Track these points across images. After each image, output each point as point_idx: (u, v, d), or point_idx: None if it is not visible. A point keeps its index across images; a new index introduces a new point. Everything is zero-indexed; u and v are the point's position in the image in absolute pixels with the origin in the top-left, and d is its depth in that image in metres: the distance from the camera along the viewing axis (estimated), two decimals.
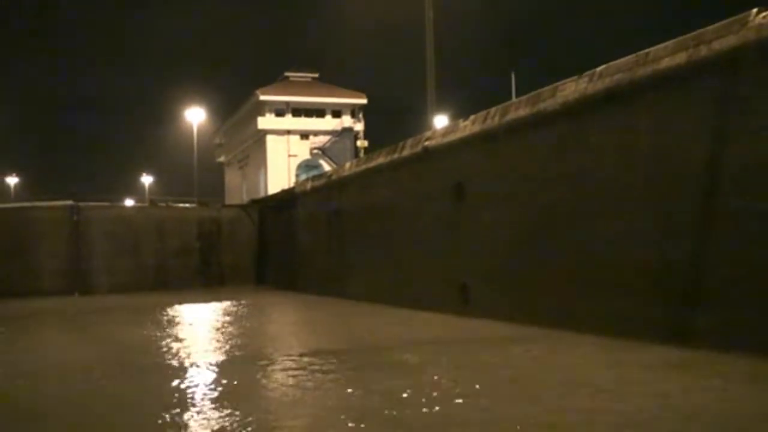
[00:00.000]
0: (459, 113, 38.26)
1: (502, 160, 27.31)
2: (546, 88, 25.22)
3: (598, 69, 22.61)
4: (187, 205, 65.38)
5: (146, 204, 65.42)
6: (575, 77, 23.64)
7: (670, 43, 19.89)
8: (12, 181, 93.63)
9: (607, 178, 21.92)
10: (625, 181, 21.14)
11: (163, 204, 65.21)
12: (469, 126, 29.88)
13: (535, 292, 25.14)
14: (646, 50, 20.79)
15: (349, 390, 15.46)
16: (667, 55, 19.81)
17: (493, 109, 28.37)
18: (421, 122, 56.17)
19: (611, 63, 22.08)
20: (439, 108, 59.44)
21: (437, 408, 13.22)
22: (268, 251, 58.71)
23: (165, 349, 23.08)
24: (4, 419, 13.75)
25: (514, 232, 26.51)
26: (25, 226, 54.54)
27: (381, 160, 38.24)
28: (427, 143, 33.09)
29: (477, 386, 15.11)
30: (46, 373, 19.76)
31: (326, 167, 63.05)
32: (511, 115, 26.93)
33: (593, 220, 22.39)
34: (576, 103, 23.25)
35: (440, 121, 54.52)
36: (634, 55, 21.20)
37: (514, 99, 29.94)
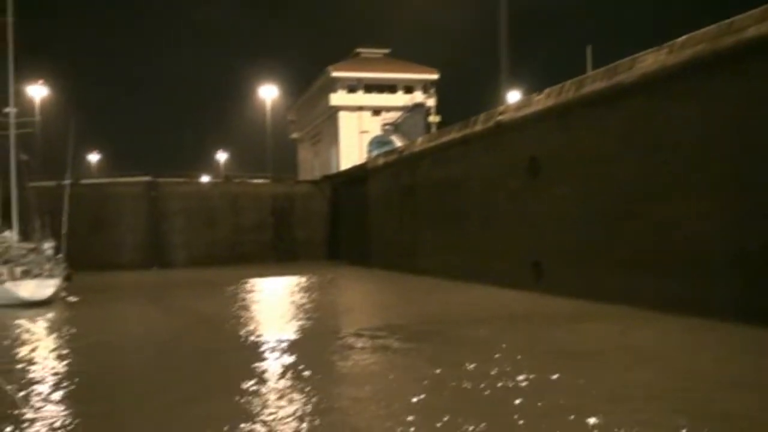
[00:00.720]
0: (532, 88, 37.63)
1: (577, 135, 26.79)
2: (624, 60, 24.55)
3: (679, 40, 21.88)
4: (261, 181, 66.41)
5: (221, 180, 66.58)
6: (654, 48, 22.95)
7: (756, 11, 19.08)
8: (94, 158, 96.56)
9: (686, 153, 21.27)
10: (706, 156, 20.49)
11: (238, 180, 66.45)
12: (543, 100, 29.39)
13: (608, 269, 24.67)
14: (730, 20, 20.01)
15: (418, 363, 15.50)
16: (752, 24, 19.03)
17: (568, 83, 27.81)
18: (494, 97, 55.59)
19: (693, 33, 21.32)
20: (512, 83, 58.66)
21: (506, 383, 13.15)
22: (340, 226, 59.19)
23: (240, 322, 23.58)
24: (85, 388, 14.28)
25: (588, 209, 26.04)
26: (106, 202, 56.30)
27: (453, 135, 38.00)
28: (499, 118, 32.70)
29: (546, 361, 14.96)
30: (125, 344, 20.44)
31: (398, 143, 62.90)
32: (587, 89, 26.35)
33: (670, 197, 21.79)
34: (655, 75, 22.58)
35: (513, 96, 53.76)
36: (716, 24, 20.43)
37: (589, 72, 29.27)
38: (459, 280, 33.60)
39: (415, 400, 12.18)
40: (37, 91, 57.70)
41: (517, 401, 11.73)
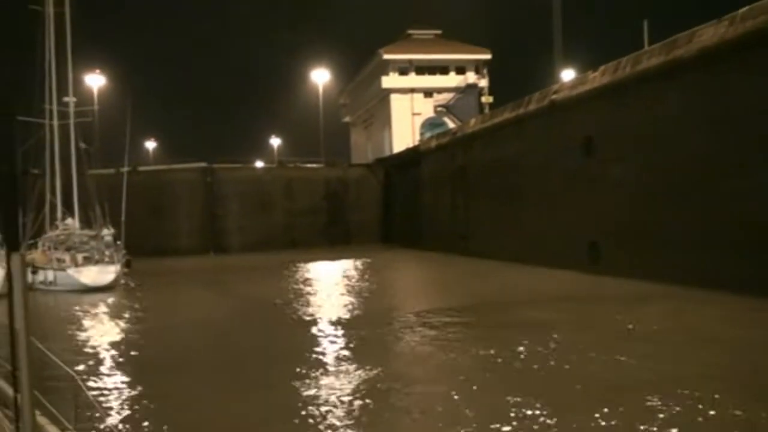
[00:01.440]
0: (587, 65, 36.78)
1: (634, 112, 26.12)
2: (682, 35, 23.82)
3: (740, 12, 21.11)
4: (314, 165, 66.61)
5: (275, 165, 66.91)
6: (714, 21, 22.20)
7: None
8: (151, 145, 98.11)
9: (749, 128, 20.56)
10: None
11: (292, 165, 66.72)
12: (599, 77, 28.75)
13: (667, 249, 24.05)
14: None
15: (473, 346, 15.34)
16: None
17: (624, 59, 27.12)
18: (548, 76, 54.65)
19: (754, 5, 20.55)
20: (567, 61, 57.55)
21: (562, 363, 12.91)
22: (393, 209, 59.10)
23: (296, 305, 23.71)
24: (145, 370, 14.49)
25: (647, 188, 25.41)
26: (163, 189, 57.14)
27: (506, 115, 37.51)
28: (554, 97, 32.13)
29: (604, 342, 14.64)
30: (183, 327, 20.70)
31: (451, 125, 62.32)
32: (644, 65, 25.66)
33: (733, 175, 21.11)
34: (715, 49, 21.85)
35: (567, 74, 52.75)
36: None
37: (646, 47, 28.49)
38: (513, 261, 33.21)
39: (469, 380, 12.05)
40: (95, 81, 58.75)
41: (575, 383, 11.50)
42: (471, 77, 69.66)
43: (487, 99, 67.34)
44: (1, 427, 4.94)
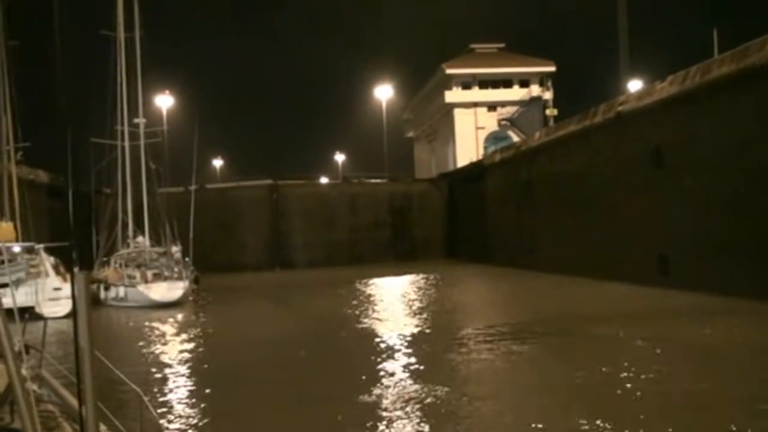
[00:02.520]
0: (654, 76, 36.05)
1: (704, 122, 25.47)
2: (754, 42, 23.16)
3: None
4: (378, 180, 66.93)
5: (340, 181, 67.45)
6: None
7: None
8: (218, 163, 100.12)
9: None
10: None
11: (356, 180, 67.17)
12: (667, 87, 28.15)
13: (741, 262, 23.32)
14: None
15: (540, 362, 15.10)
16: None
17: (693, 68, 26.51)
18: (614, 87, 53.80)
19: None
20: (633, 72, 56.55)
21: (631, 381, 12.58)
22: (458, 224, 58.84)
23: (361, 321, 23.75)
24: (213, 386, 14.67)
25: (718, 199, 24.72)
26: (230, 206, 58.16)
27: (571, 127, 37.03)
28: (620, 108, 31.59)
29: (673, 360, 14.23)
30: (251, 343, 20.90)
31: (515, 138, 61.86)
32: (714, 74, 25.02)
33: None
34: None
35: (634, 85, 51.82)
36: None
37: (716, 56, 27.82)
38: (580, 276, 32.64)
39: (534, 398, 11.86)
40: (164, 102, 60.27)
41: (649, 402, 11.19)
42: (535, 90, 69.13)
43: (551, 112, 66.71)
44: None
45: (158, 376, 15.57)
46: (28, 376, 4.62)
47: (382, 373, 14.71)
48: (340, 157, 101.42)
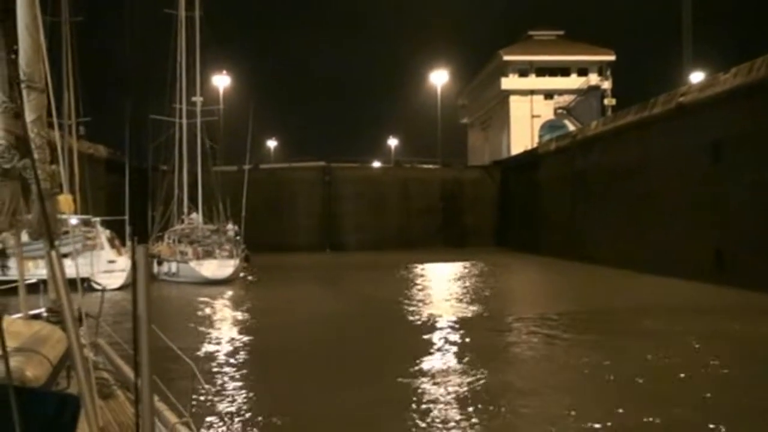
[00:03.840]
0: (718, 67, 35.04)
1: None
2: None
3: None
4: (430, 166, 66.79)
5: (392, 165, 67.45)
6: None
7: None
8: (272, 144, 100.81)
9: None
10: None
11: (408, 165, 67.10)
12: (730, 79, 27.40)
13: None
14: None
15: (581, 352, 14.93)
16: None
17: (759, 60, 25.74)
18: (675, 78, 52.58)
19: None
20: (696, 63, 55.18)
21: (672, 377, 12.34)
22: (508, 213, 58.40)
23: (410, 305, 23.75)
24: (261, 364, 14.85)
25: None
26: (282, 186, 58.64)
27: (629, 118, 36.35)
28: (681, 99, 30.87)
29: (720, 357, 13.87)
30: (299, 323, 21.08)
31: (571, 127, 60.94)
32: None
33: None
34: None
35: (696, 76, 50.57)
36: None
37: None
38: (632, 269, 32.12)
39: (578, 388, 11.74)
40: (221, 81, 60.83)
41: (694, 398, 10.96)
42: (593, 79, 68.02)
43: (609, 101, 65.60)
44: (122, 409, 5.13)
45: (206, 350, 15.82)
46: (86, 342, 4.71)
47: (426, 356, 14.73)
48: (393, 142, 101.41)
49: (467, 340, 16.87)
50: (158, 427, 4.34)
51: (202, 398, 10.73)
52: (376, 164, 68.38)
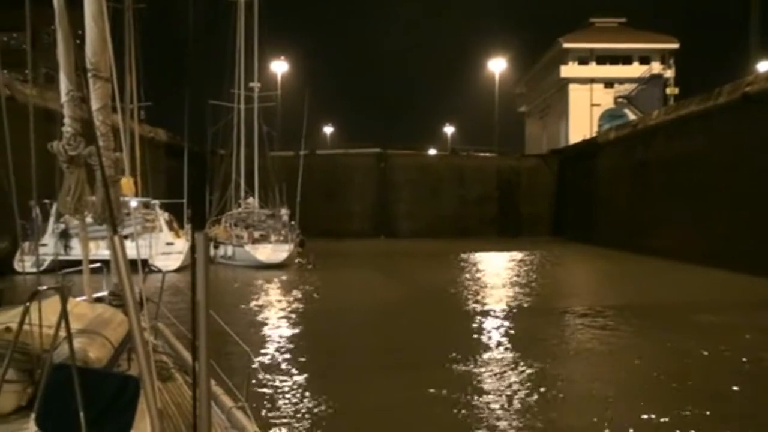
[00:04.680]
0: None
1: None
2: None
3: None
4: (486, 154, 66.27)
5: (448, 153, 67.21)
6: None
7: None
8: (328, 129, 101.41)
9: None
10: None
11: (464, 153, 66.73)
12: None
13: None
14: None
15: (641, 347, 14.70)
16: None
17: None
18: (741, 67, 51.13)
19: None
20: (762, 51, 53.54)
21: (729, 373, 12.06)
22: (566, 202, 57.70)
23: (463, 294, 23.69)
24: (312, 348, 14.99)
25: None
26: (337, 172, 58.94)
27: (693, 108, 35.49)
28: (747, 89, 30.00)
29: None
30: (351, 308, 21.21)
31: (631, 116, 59.86)
32: None
33: None
34: None
35: (763, 66, 49.08)
36: None
37: None
38: (695, 262, 31.40)
39: (630, 383, 11.59)
40: (279, 67, 61.29)
41: (752, 397, 10.71)
42: (656, 67, 66.57)
43: (672, 90, 64.13)
44: (180, 392, 5.24)
45: (259, 334, 16.03)
46: (146, 326, 4.83)
47: (477, 344, 14.73)
48: (449, 129, 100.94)
49: (519, 330, 16.77)
50: (215, 410, 4.43)
51: (255, 382, 10.88)
52: (432, 152, 68.14)
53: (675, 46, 67.32)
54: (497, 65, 73.02)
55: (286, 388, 11.29)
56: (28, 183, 4.99)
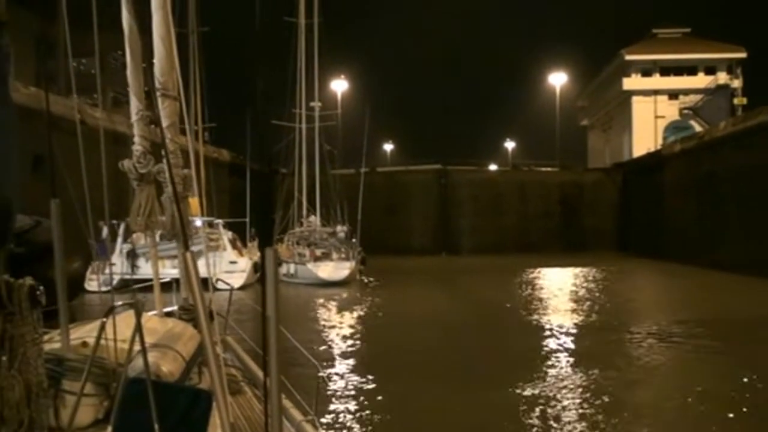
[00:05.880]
0: None
1: None
2: None
3: None
4: (548, 169, 65.62)
5: (509, 168, 66.81)
6: None
7: None
8: (388, 147, 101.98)
9: None
10: None
11: (526, 168, 66.19)
12: None
13: None
14: None
15: (711, 364, 14.32)
16: None
17: None
18: None
19: None
20: None
21: None
22: (630, 216, 56.61)
23: (526, 310, 23.40)
24: (374, 366, 14.98)
25: None
26: (398, 189, 59.04)
27: (762, 117, 34.52)
28: None
29: None
30: (413, 326, 21.10)
31: (697, 128, 58.59)
32: None
33: None
34: None
35: None
36: None
37: None
38: (766, 276, 30.39)
39: (702, 401, 11.27)
40: (339, 86, 61.88)
41: None
42: (722, 78, 65.07)
43: (740, 101, 62.63)
44: (250, 405, 5.29)
45: (324, 350, 16.11)
46: (217, 340, 4.89)
47: (542, 362, 14.51)
48: (509, 144, 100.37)
49: (583, 347, 16.50)
50: (285, 424, 4.45)
51: (323, 396, 10.93)
52: (493, 167, 67.78)
53: (742, 55, 65.73)
54: (558, 79, 72.42)
55: (353, 403, 11.32)
56: (98, 204, 5.11)
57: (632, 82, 67.37)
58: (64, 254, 4.19)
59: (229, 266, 30.20)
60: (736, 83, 64.73)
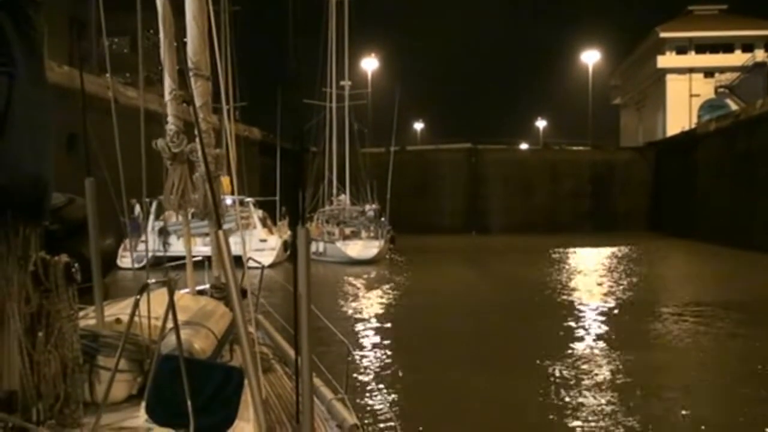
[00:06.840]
0: None
1: None
2: None
3: None
4: (580, 148, 64.97)
5: (540, 147, 66.30)
6: None
7: None
8: (418, 126, 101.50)
9: None
10: None
11: (557, 147, 65.58)
12: None
13: None
14: None
15: (745, 344, 14.22)
16: None
17: None
18: None
19: None
20: None
21: None
22: (663, 196, 55.96)
23: (556, 290, 23.32)
24: (409, 341, 15.05)
25: None
26: (428, 168, 58.91)
27: None
28: None
29: None
30: (443, 305, 21.11)
31: (733, 107, 57.57)
32: None
33: None
34: None
35: None
36: None
37: None
38: None
39: (735, 382, 11.19)
40: (369, 64, 61.61)
41: None
42: (760, 55, 63.75)
43: None
44: (281, 383, 5.33)
45: (355, 328, 16.20)
46: (248, 318, 4.93)
47: (571, 343, 14.46)
48: (541, 123, 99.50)
49: (614, 327, 16.42)
50: (315, 401, 4.49)
51: (353, 374, 11.00)
52: (524, 146, 67.27)
53: None
54: (590, 57, 71.48)
55: (383, 381, 11.39)
56: (129, 182, 5.15)
57: (667, 59, 66.30)
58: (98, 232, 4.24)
59: (259, 244, 30.36)
60: None
